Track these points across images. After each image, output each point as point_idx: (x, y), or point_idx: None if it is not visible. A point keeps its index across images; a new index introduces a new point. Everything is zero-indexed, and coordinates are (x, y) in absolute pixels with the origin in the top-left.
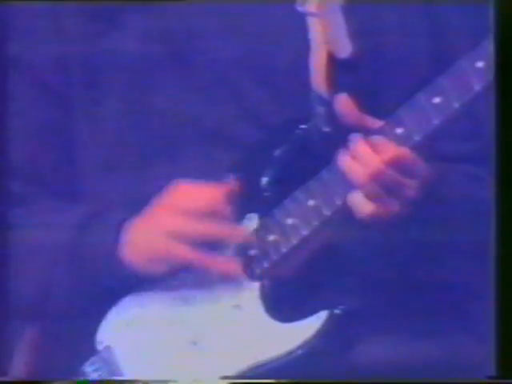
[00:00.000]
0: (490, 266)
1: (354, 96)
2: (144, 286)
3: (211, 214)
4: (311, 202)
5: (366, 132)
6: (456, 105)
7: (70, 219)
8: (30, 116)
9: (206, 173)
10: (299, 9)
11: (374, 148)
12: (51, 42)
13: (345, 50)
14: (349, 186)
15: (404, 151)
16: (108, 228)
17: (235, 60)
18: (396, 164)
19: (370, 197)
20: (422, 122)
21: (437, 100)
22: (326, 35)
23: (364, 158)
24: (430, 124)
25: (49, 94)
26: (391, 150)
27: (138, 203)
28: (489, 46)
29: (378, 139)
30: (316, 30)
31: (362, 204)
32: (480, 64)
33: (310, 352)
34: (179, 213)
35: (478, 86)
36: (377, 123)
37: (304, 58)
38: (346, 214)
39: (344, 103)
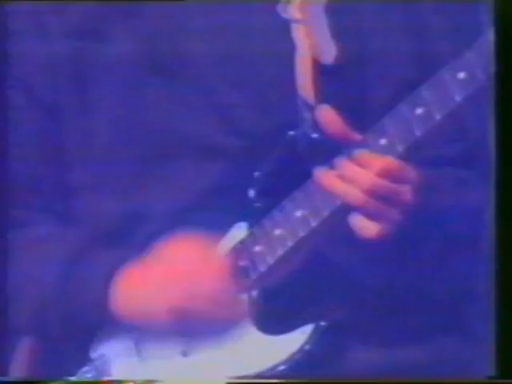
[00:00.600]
0: (489, 267)
1: (340, 101)
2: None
3: (208, 295)
4: (298, 213)
5: (350, 143)
6: (438, 116)
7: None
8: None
9: (197, 187)
10: (282, 15)
11: (361, 165)
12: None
13: (329, 54)
14: (335, 195)
15: (388, 159)
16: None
17: (220, 69)
18: (386, 174)
19: (371, 216)
20: (404, 132)
21: (419, 111)
22: (310, 40)
23: (354, 179)
24: (413, 135)
25: (38, 107)
26: (377, 162)
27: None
28: (470, 57)
29: (360, 155)
30: (300, 36)
31: (366, 226)
32: (462, 75)
33: (297, 365)
34: (176, 286)
35: (459, 97)
36: (360, 136)
37: (289, 65)
38: (333, 225)
39: (327, 115)
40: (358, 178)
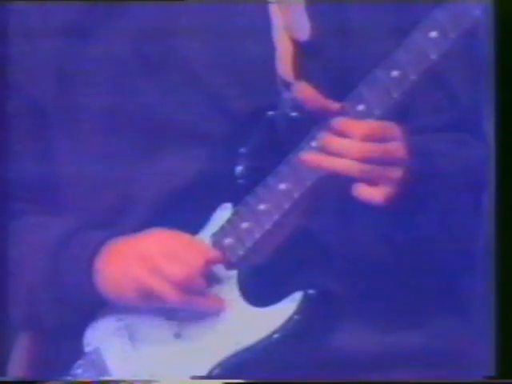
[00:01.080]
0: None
1: (318, 78)
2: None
3: (185, 285)
4: (282, 186)
5: (329, 114)
6: (413, 76)
7: (50, 235)
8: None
9: (182, 171)
10: None
11: (343, 135)
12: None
13: (304, 31)
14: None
15: (368, 122)
16: (85, 248)
17: (200, 54)
18: (371, 137)
19: (373, 181)
20: (381, 96)
21: (395, 73)
22: (287, 20)
23: (341, 151)
24: (390, 98)
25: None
26: (358, 127)
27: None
28: (439, 16)
29: (340, 125)
30: (277, 16)
31: (372, 193)
32: (433, 34)
33: (288, 335)
34: (154, 271)
35: (433, 56)
36: (338, 105)
37: (268, 46)
38: (316, 195)
39: (305, 91)
40: (345, 148)
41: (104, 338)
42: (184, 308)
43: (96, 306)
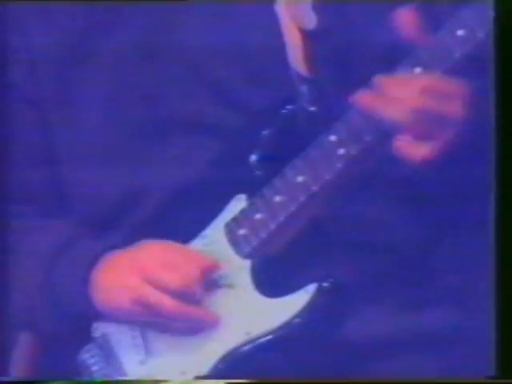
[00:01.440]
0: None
1: (332, 68)
2: None
3: (181, 293)
4: (299, 179)
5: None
6: (436, 74)
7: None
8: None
9: (197, 161)
10: None
11: (401, 84)
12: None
13: (310, 22)
14: (336, 160)
15: (433, 77)
16: (83, 259)
17: (212, 48)
18: (432, 90)
19: (420, 136)
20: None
21: (417, 70)
22: (293, 10)
23: (399, 95)
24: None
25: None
26: (418, 80)
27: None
28: (467, 15)
29: (400, 75)
30: (284, 9)
31: (411, 149)
32: (460, 32)
33: (300, 326)
34: (149, 281)
35: (458, 54)
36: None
37: (279, 39)
38: (333, 188)
39: (404, 17)
40: (404, 94)
41: (112, 324)
42: (180, 319)
43: (92, 319)
